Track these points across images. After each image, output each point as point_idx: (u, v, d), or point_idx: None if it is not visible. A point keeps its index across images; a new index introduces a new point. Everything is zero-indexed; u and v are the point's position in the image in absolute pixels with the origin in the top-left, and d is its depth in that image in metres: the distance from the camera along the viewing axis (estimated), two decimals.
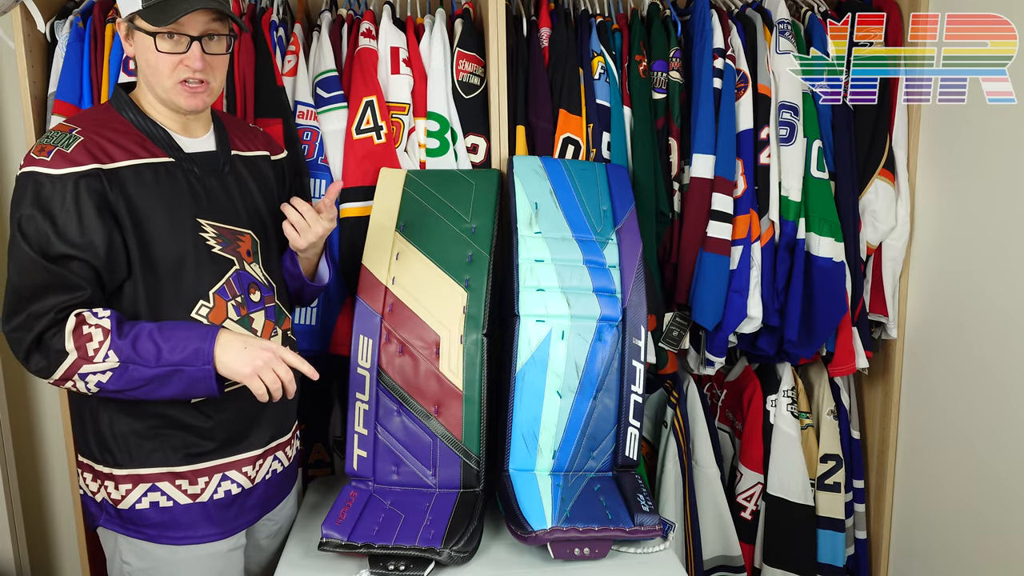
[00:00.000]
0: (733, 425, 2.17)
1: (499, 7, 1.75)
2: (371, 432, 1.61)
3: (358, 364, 1.62)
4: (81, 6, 1.77)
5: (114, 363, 1.21)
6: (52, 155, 1.22)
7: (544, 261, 1.67)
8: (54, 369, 1.21)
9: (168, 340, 1.22)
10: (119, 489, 1.33)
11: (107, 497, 1.35)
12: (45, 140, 1.25)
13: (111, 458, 1.33)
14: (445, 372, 1.61)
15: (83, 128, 1.26)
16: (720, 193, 1.84)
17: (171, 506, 1.34)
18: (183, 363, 1.22)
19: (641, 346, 1.64)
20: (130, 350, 1.21)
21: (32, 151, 1.24)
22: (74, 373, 1.21)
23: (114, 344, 1.21)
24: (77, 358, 1.20)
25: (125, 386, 1.23)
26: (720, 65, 1.85)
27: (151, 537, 1.34)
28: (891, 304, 1.99)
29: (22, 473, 2.19)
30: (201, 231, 1.32)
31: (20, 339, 1.22)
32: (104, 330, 1.21)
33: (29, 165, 1.22)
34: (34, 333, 1.20)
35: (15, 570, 2.13)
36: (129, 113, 1.32)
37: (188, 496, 1.35)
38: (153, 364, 1.21)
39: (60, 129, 1.26)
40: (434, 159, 1.82)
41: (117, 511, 1.34)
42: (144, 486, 1.33)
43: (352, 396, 1.62)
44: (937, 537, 1.96)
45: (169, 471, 1.33)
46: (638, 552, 1.48)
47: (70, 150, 1.23)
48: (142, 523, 1.34)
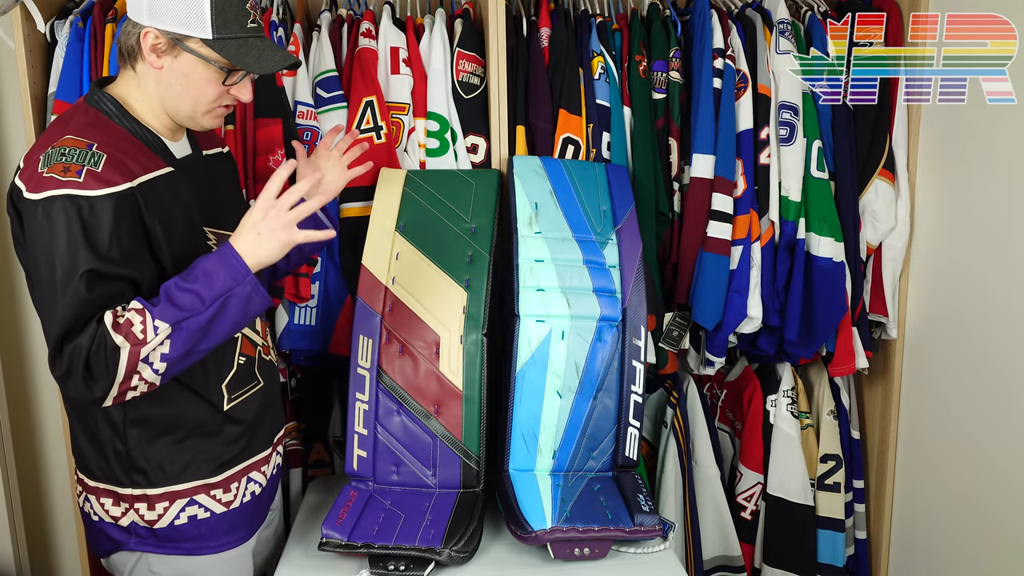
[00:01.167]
0: (733, 425, 2.17)
1: (499, 7, 1.75)
2: (371, 432, 1.61)
3: (358, 364, 1.62)
4: (81, 6, 1.77)
5: (166, 329, 1.14)
6: (84, 175, 1.13)
7: (544, 261, 1.67)
8: (114, 373, 1.13)
9: (197, 280, 1.17)
10: (155, 509, 1.31)
11: (138, 519, 1.31)
12: (64, 159, 1.14)
13: (143, 479, 1.29)
14: (445, 372, 1.61)
15: (99, 143, 1.17)
16: (720, 193, 1.84)
17: (208, 517, 1.34)
18: (226, 290, 1.18)
19: (641, 346, 1.64)
20: (173, 309, 1.15)
21: (50, 171, 1.12)
22: (135, 364, 1.13)
23: (155, 313, 1.14)
24: (131, 346, 1.13)
25: (187, 344, 1.16)
26: (720, 65, 1.85)
27: (189, 551, 1.34)
28: (891, 304, 1.99)
29: (22, 473, 2.19)
30: (207, 240, 1.32)
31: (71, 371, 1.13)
32: (137, 310, 1.14)
33: (57, 188, 1.11)
34: (82, 359, 1.12)
35: (15, 570, 2.13)
36: (122, 120, 1.25)
37: (223, 504, 1.35)
38: (202, 307, 1.16)
39: (73, 144, 1.16)
40: (434, 159, 1.83)
41: (152, 531, 1.32)
42: (181, 501, 1.32)
43: (352, 396, 1.62)
44: (937, 537, 1.96)
45: (204, 483, 1.33)
46: (638, 552, 1.48)
47: (100, 169, 1.14)
48: (180, 538, 1.33)
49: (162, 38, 1.19)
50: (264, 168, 1.74)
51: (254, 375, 1.39)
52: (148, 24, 1.19)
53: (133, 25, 1.21)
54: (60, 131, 1.20)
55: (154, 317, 1.14)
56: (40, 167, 1.14)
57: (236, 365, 1.35)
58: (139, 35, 1.20)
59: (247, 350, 1.38)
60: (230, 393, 1.34)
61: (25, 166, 1.17)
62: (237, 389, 1.35)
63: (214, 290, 1.17)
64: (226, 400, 1.34)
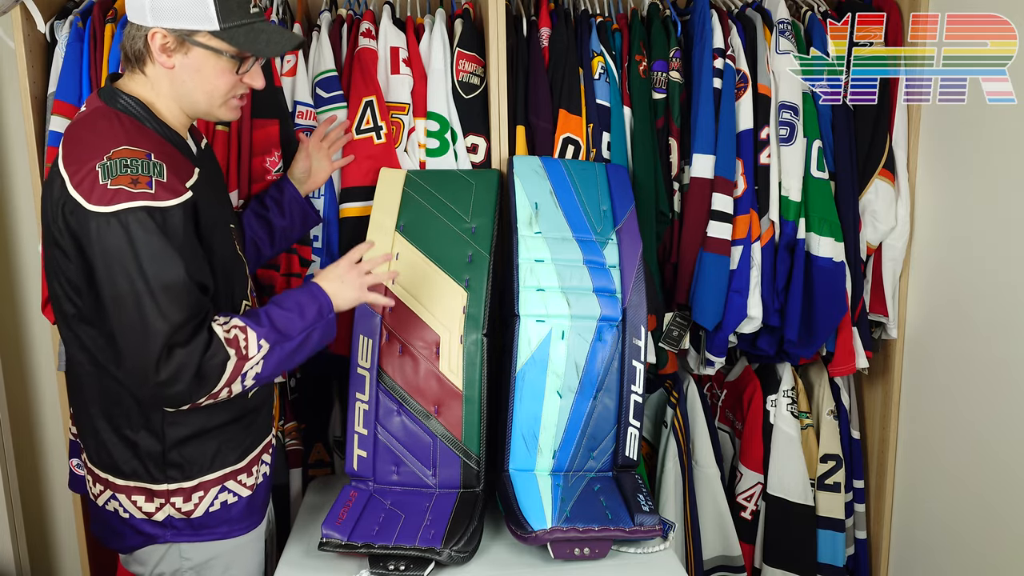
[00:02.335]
0: (733, 425, 2.17)
1: (499, 7, 1.75)
2: (371, 432, 1.61)
3: (358, 364, 1.62)
4: (81, 6, 1.76)
5: (266, 348, 1.24)
6: (154, 186, 1.14)
7: (544, 261, 1.67)
8: (217, 382, 1.19)
9: (292, 309, 1.29)
10: (191, 499, 1.33)
11: (174, 512, 1.33)
12: (128, 170, 1.14)
13: (179, 472, 1.32)
14: (445, 372, 1.61)
15: (153, 152, 1.18)
16: (720, 193, 1.84)
17: (236, 501, 1.37)
18: (313, 323, 1.30)
19: (641, 346, 1.64)
20: (275, 332, 1.26)
21: (116, 183, 1.13)
22: (235, 377, 1.21)
23: (259, 333, 1.24)
24: (237, 360, 1.21)
25: (276, 367, 1.27)
26: (720, 65, 1.85)
27: (222, 535, 1.37)
28: (891, 304, 1.99)
29: (22, 473, 2.19)
30: (231, 233, 1.36)
31: (178, 377, 1.16)
32: (239, 327, 1.23)
33: (130, 200, 1.12)
34: (194, 366, 1.16)
35: (15, 570, 2.13)
36: (152, 124, 1.25)
37: (247, 488, 1.39)
38: (295, 335, 1.28)
39: (133, 155, 1.16)
40: (434, 159, 1.82)
41: (188, 521, 1.34)
42: (215, 489, 1.35)
43: (352, 396, 1.62)
44: (937, 537, 1.96)
45: (233, 469, 1.36)
46: (638, 552, 1.48)
47: (166, 179, 1.16)
48: (215, 524, 1.36)
49: (170, 37, 1.20)
50: (260, 169, 1.73)
51: None
52: (153, 25, 1.19)
53: (137, 28, 1.21)
54: (95, 137, 1.19)
55: (259, 336, 1.24)
56: (102, 179, 1.13)
57: None
58: (146, 37, 1.20)
59: None
60: None
61: (78, 179, 1.15)
62: None
63: (305, 321, 1.30)
64: None
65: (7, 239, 2.16)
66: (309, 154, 1.69)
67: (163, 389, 1.17)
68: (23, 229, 2.16)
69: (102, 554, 1.94)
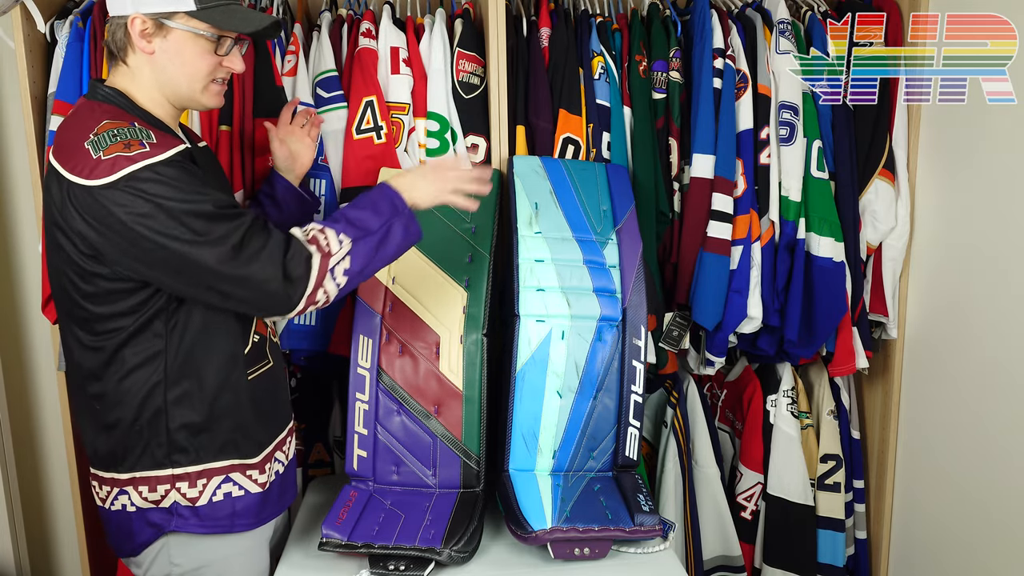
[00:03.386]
0: (733, 425, 2.17)
1: (499, 7, 1.75)
2: (371, 432, 1.61)
3: (358, 364, 1.62)
4: (81, 6, 1.76)
5: (349, 244, 1.27)
6: (147, 146, 1.17)
7: (544, 261, 1.67)
8: (307, 279, 1.23)
9: (365, 208, 1.32)
10: (196, 485, 1.33)
11: (180, 498, 1.33)
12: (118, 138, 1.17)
13: (184, 457, 1.32)
14: (445, 372, 1.61)
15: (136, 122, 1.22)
16: (720, 193, 1.84)
17: (243, 495, 1.36)
18: (390, 217, 1.33)
19: (641, 346, 1.64)
20: (353, 228, 1.29)
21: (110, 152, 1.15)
22: (325, 273, 1.24)
23: (338, 229, 1.27)
24: (322, 256, 1.24)
25: (363, 262, 1.29)
26: (720, 65, 1.85)
27: (224, 528, 1.36)
28: (891, 304, 1.99)
29: (22, 473, 2.19)
30: None
31: (270, 279, 1.21)
32: (318, 228, 1.27)
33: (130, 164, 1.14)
34: (279, 264, 1.21)
35: (15, 570, 2.13)
36: (133, 111, 1.28)
37: (254, 483, 1.38)
38: (374, 229, 1.30)
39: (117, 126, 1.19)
40: (434, 159, 1.82)
41: (194, 509, 1.34)
42: (218, 479, 1.34)
43: (352, 396, 1.62)
44: (937, 537, 1.96)
45: (242, 463, 1.36)
46: (638, 552, 1.48)
47: (156, 139, 1.19)
48: (220, 515, 1.35)
49: (149, 21, 1.23)
50: (263, 168, 1.73)
51: (265, 354, 1.42)
52: (132, 11, 1.23)
53: (118, 19, 1.25)
54: (77, 123, 1.22)
55: (338, 232, 1.27)
56: (95, 153, 1.16)
57: (251, 342, 1.37)
58: (126, 24, 1.24)
59: (260, 328, 1.40)
60: (247, 368, 1.36)
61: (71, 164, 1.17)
62: (252, 365, 1.37)
63: (382, 217, 1.32)
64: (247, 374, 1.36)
65: (7, 239, 2.16)
66: (283, 140, 1.66)
67: (263, 296, 1.22)
68: (23, 229, 2.16)
69: (102, 554, 1.94)
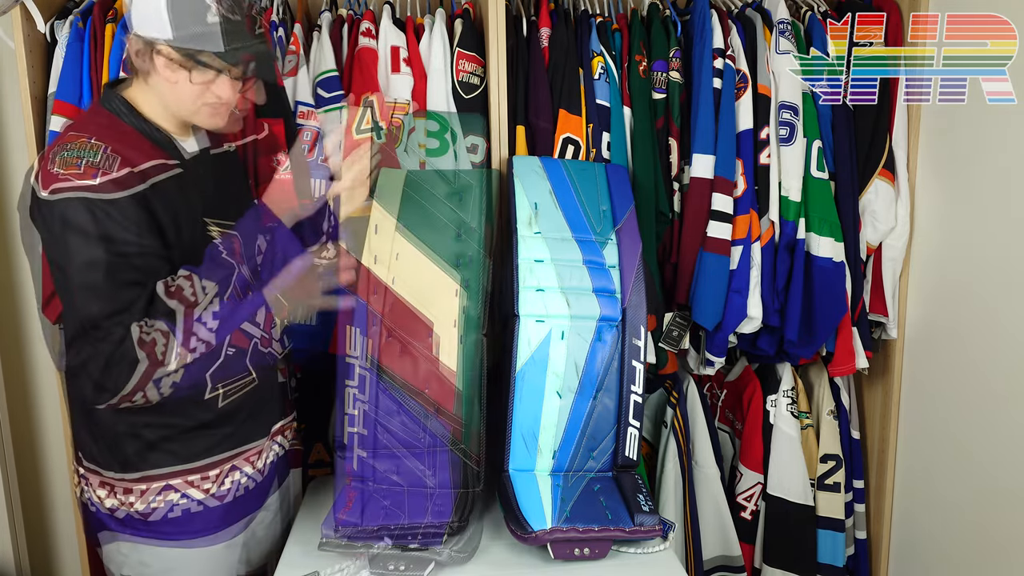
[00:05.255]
0: (733, 425, 2.17)
1: (499, 7, 1.75)
2: (371, 432, 1.61)
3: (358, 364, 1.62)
4: (81, 6, 1.77)
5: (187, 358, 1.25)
6: (99, 179, 1.18)
7: (544, 261, 1.67)
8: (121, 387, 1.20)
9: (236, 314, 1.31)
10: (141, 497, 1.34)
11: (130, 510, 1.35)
12: (78, 157, 1.19)
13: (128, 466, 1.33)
14: (444, 372, 1.61)
15: (112, 146, 1.22)
16: (720, 193, 1.84)
17: (189, 505, 1.36)
18: None
19: (641, 346, 1.64)
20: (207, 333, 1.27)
21: (65, 170, 1.17)
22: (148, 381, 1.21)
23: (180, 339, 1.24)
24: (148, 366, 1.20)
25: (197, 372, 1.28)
26: (720, 65, 1.85)
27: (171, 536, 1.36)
28: (891, 304, 1.99)
29: (22, 473, 2.19)
30: (207, 230, 1.35)
31: (79, 372, 1.20)
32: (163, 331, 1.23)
33: (70, 188, 1.16)
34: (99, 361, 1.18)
35: (15, 570, 2.13)
36: (131, 119, 1.30)
37: (205, 493, 1.38)
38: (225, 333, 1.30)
39: (87, 146, 1.20)
40: (434, 159, 1.82)
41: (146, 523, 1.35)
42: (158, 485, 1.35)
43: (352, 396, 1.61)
44: (937, 536, 1.96)
45: (183, 468, 1.35)
46: (638, 552, 1.48)
47: (115, 172, 1.19)
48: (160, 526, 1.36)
49: (141, 43, 1.25)
50: (267, 168, 1.73)
51: (244, 367, 1.40)
52: (132, 30, 1.25)
53: None
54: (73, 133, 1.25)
55: (180, 343, 1.24)
56: (51, 166, 1.19)
57: (224, 355, 1.35)
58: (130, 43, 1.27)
59: (237, 341, 1.38)
60: (214, 383, 1.35)
61: (41, 165, 1.21)
62: (223, 379, 1.36)
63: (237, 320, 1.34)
64: (208, 389, 1.35)
65: (7, 239, 2.16)
66: None
67: (70, 382, 1.22)
68: None
69: None
